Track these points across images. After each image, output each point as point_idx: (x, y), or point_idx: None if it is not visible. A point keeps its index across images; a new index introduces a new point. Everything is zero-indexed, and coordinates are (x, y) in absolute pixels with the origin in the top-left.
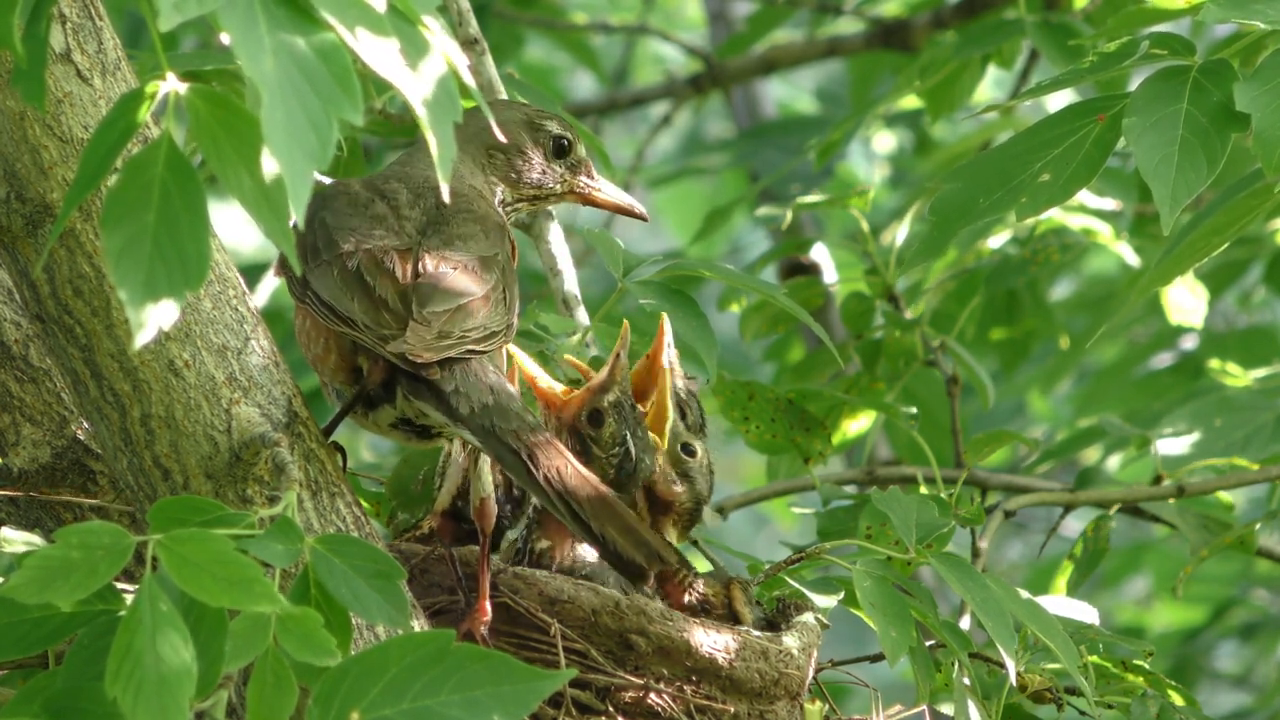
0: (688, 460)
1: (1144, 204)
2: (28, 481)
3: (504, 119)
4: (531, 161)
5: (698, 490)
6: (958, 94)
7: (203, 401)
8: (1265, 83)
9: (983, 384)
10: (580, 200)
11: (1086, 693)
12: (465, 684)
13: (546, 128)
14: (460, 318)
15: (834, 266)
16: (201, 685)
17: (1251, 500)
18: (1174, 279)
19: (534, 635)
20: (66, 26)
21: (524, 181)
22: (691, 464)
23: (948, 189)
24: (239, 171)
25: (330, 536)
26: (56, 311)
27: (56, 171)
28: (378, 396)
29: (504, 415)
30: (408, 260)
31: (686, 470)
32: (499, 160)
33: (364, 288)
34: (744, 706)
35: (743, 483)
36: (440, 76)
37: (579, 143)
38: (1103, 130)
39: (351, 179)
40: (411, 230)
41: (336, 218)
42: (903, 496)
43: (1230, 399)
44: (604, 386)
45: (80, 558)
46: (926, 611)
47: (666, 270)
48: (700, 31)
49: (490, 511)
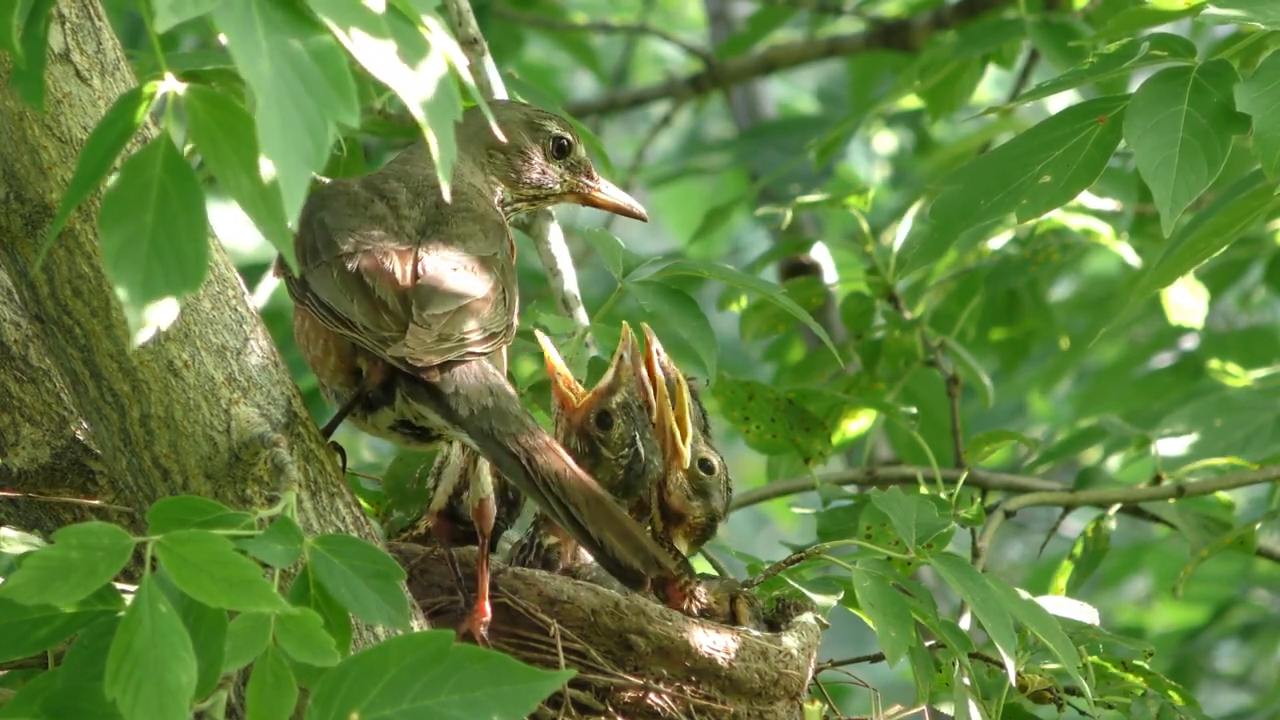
0: (704, 476)
1: (1144, 204)
2: (27, 482)
3: (504, 119)
4: (531, 161)
5: (713, 507)
6: (958, 94)
7: (202, 402)
8: (1265, 84)
9: (983, 384)
10: (580, 200)
11: (1086, 693)
12: (465, 684)
13: (546, 128)
14: (460, 320)
15: (834, 266)
16: (201, 686)
17: (1251, 500)
18: (1175, 280)
19: (533, 635)
20: (65, 26)
21: (524, 181)
22: (709, 480)
23: (948, 191)
24: (237, 172)
25: (330, 537)
26: (55, 312)
27: (55, 172)
28: (376, 399)
29: (503, 418)
30: (407, 261)
31: (703, 486)
32: (499, 160)
33: (363, 289)
34: (743, 707)
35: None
36: (439, 77)
37: (579, 143)
38: (1103, 132)
39: (351, 178)
40: (411, 230)
41: (335, 218)
42: (903, 496)
43: (1230, 399)
44: (611, 389)
45: (80, 558)
46: (926, 611)
47: (666, 270)
48: (700, 31)
49: (489, 513)
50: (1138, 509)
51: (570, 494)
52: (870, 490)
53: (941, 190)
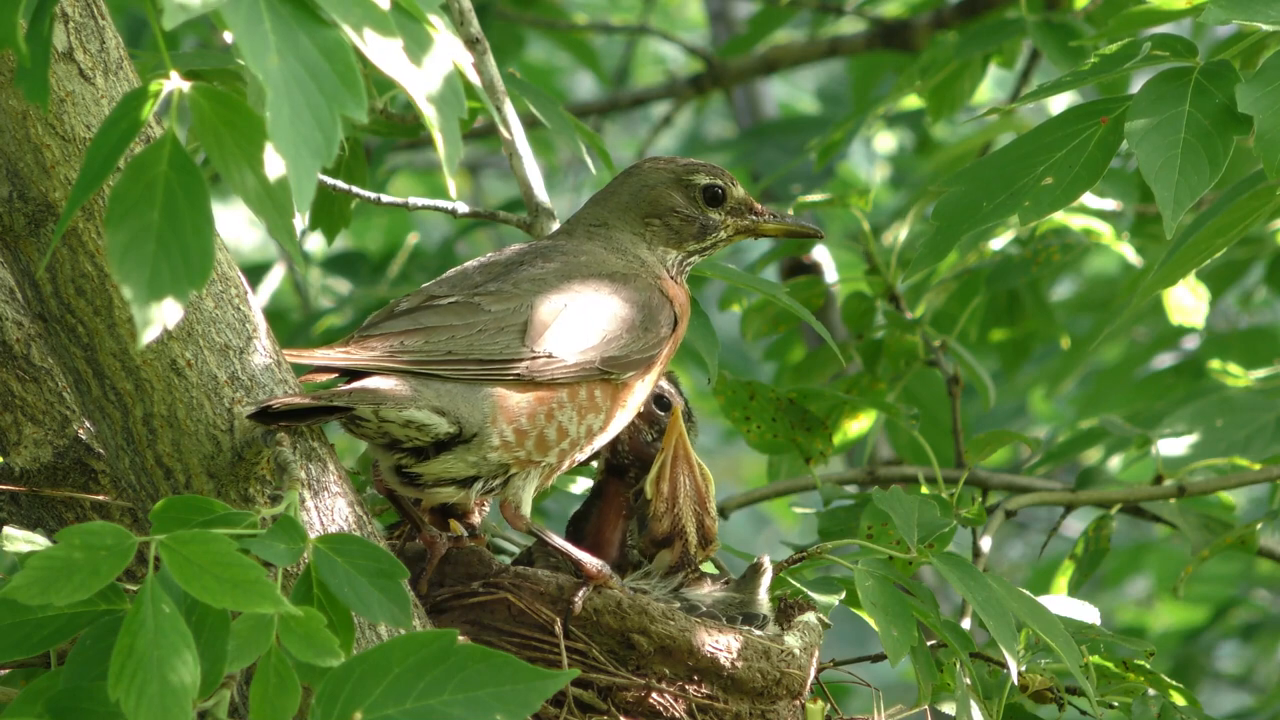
0: (661, 415)
1: (1145, 204)
2: (30, 481)
3: (652, 181)
4: (689, 218)
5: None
6: (959, 94)
7: (205, 401)
8: (1267, 84)
9: (984, 384)
10: (750, 236)
11: (1088, 692)
12: (468, 684)
13: (695, 181)
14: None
15: (835, 266)
16: (204, 685)
17: (1252, 500)
18: (1177, 281)
19: (536, 635)
20: (69, 25)
21: (686, 239)
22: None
23: (951, 193)
24: (243, 169)
25: (333, 536)
26: (59, 310)
27: (59, 170)
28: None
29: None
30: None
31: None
32: (656, 226)
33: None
34: (746, 706)
35: (744, 483)
36: (446, 74)
37: (733, 185)
38: (1105, 133)
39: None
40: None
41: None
42: (904, 496)
43: (1231, 399)
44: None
45: (83, 558)
46: (928, 611)
47: None
48: (701, 32)
49: (511, 517)
50: (1139, 509)
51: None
52: (871, 490)
53: (943, 192)
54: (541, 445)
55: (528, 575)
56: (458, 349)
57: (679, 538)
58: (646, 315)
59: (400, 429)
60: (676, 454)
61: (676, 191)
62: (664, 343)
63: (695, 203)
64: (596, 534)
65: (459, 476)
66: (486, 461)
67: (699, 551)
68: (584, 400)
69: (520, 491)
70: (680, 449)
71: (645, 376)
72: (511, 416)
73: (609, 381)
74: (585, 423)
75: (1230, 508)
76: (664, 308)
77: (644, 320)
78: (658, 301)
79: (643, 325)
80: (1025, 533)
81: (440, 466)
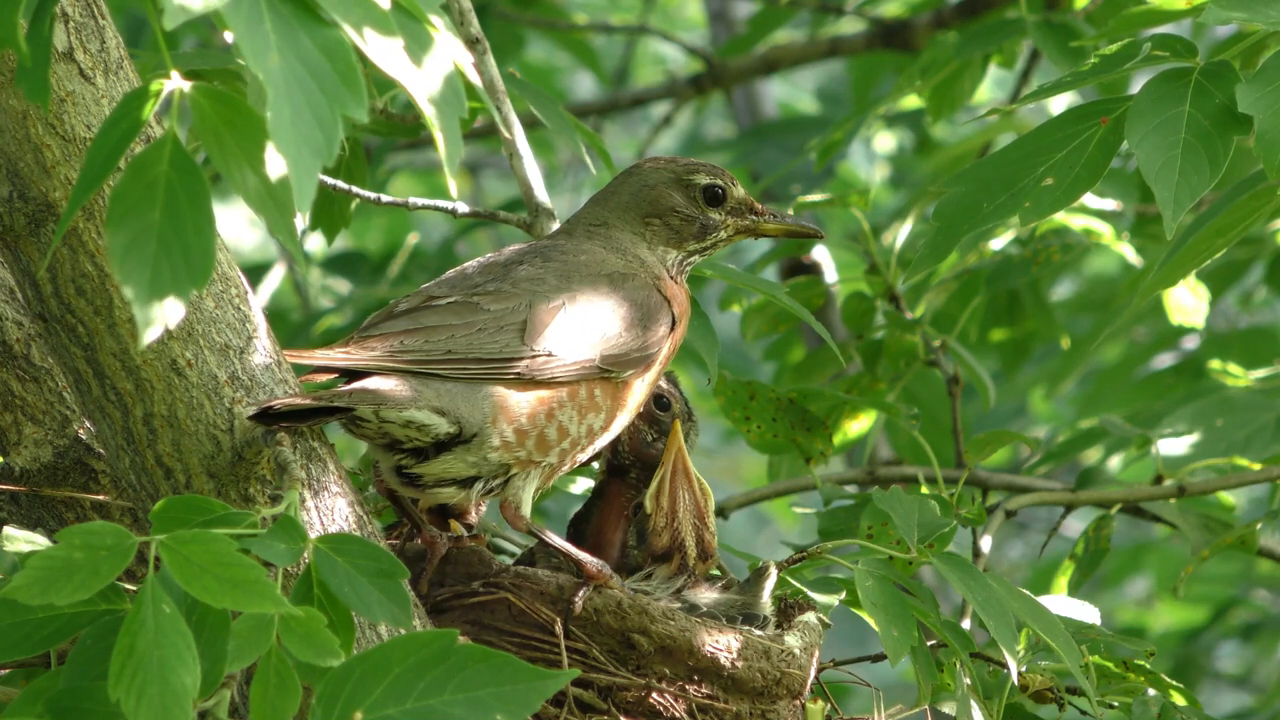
0: (663, 415)
1: (1145, 204)
2: (30, 481)
3: (652, 181)
4: (689, 218)
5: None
6: (959, 94)
7: (205, 400)
8: (1267, 84)
9: (984, 384)
10: (750, 236)
11: (1088, 692)
12: (468, 684)
13: (695, 180)
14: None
15: (835, 266)
16: (204, 685)
17: (1252, 500)
18: (1178, 281)
19: (537, 634)
20: (69, 25)
21: (686, 239)
22: (666, 417)
23: (951, 193)
24: (243, 169)
25: (333, 536)
26: (59, 310)
27: (59, 170)
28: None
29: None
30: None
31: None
32: (656, 226)
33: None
34: (746, 706)
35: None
36: (446, 73)
37: (734, 185)
38: (1106, 133)
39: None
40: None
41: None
42: (904, 496)
43: (1231, 399)
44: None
45: (83, 558)
46: (928, 611)
47: None
48: (701, 31)
49: (511, 517)
50: (1139, 509)
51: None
52: (871, 490)
53: (944, 192)
54: (542, 445)
55: (528, 575)
56: (457, 348)
57: (678, 551)
58: (645, 314)
59: (401, 429)
60: (676, 468)
61: (677, 191)
62: (663, 341)
63: (695, 202)
64: (597, 534)
65: (459, 477)
66: (487, 462)
67: (698, 565)
68: (584, 399)
69: (520, 492)
70: (680, 464)
71: (645, 376)
72: (512, 416)
73: (609, 380)
74: (586, 422)
75: (1230, 508)
76: (663, 307)
77: (643, 319)
78: (657, 301)
79: (642, 324)
80: (1025, 533)
81: (440, 467)
